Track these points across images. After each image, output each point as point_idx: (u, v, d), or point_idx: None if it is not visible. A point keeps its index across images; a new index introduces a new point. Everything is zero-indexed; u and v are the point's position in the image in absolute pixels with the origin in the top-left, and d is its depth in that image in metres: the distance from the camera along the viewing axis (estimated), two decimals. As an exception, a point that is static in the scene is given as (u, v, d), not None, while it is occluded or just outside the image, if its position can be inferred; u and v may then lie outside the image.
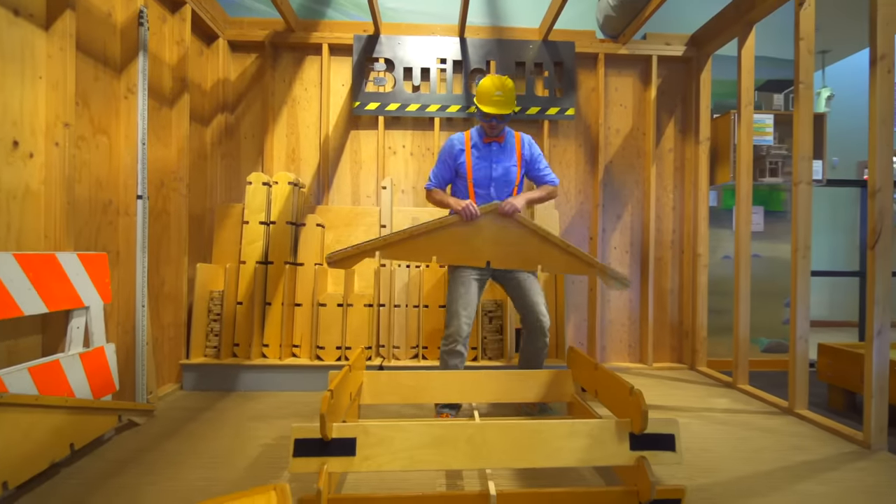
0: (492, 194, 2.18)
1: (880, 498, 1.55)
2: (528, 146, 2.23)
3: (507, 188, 2.20)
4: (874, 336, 1.92)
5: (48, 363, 1.65)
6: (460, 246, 2.05)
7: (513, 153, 2.19)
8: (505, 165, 2.17)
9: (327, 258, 2.05)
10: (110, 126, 2.11)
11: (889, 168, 1.93)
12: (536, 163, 2.22)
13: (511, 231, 2.06)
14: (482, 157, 2.17)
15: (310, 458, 1.29)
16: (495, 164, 2.16)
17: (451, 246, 2.04)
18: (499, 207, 2.04)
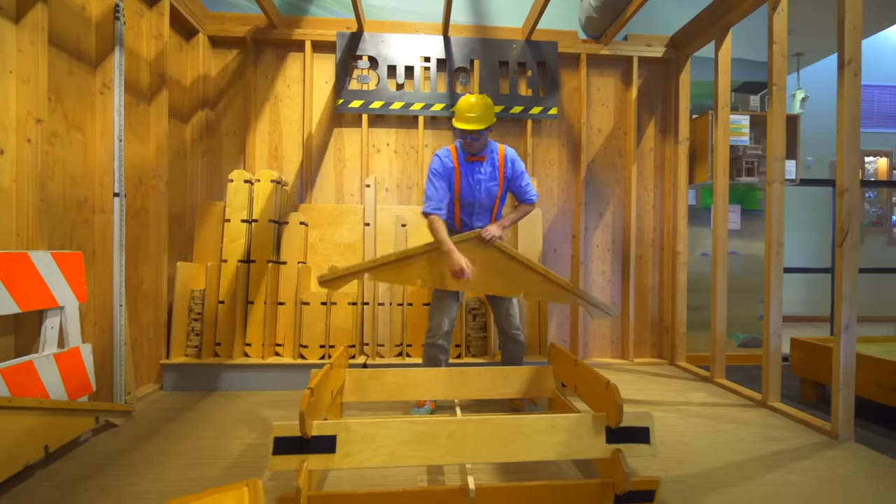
0: (475, 211, 2.25)
1: (849, 487, 1.61)
2: (511, 163, 2.23)
3: (488, 208, 2.26)
4: (842, 331, 1.99)
5: (21, 364, 1.61)
6: (444, 271, 2.09)
7: (495, 172, 2.21)
8: (487, 186, 2.21)
9: (319, 279, 2.09)
10: (85, 122, 2.07)
11: (856, 169, 2.00)
12: (518, 180, 2.24)
13: (494, 258, 2.10)
14: (465, 176, 2.19)
15: (289, 455, 1.29)
16: (476, 186, 2.19)
17: (436, 270, 2.10)
18: (479, 235, 2.08)
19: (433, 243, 2.07)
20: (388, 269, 2.09)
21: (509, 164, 2.23)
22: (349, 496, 1.32)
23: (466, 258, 2.05)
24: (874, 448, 1.91)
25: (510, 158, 2.24)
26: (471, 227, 2.25)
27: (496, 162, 2.21)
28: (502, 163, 2.21)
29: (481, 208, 2.24)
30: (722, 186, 2.82)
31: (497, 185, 2.21)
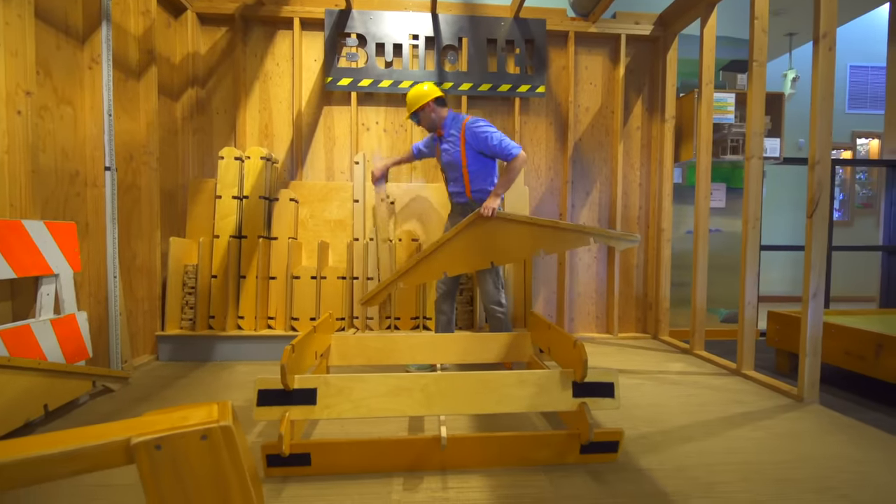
0: (448, 178, 2.46)
1: (801, 438, 1.71)
2: (469, 131, 2.31)
3: (459, 174, 2.40)
4: (810, 298, 2.06)
5: (18, 327, 1.69)
6: (465, 256, 2.20)
7: (457, 142, 2.36)
8: (451, 155, 2.38)
9: (361, 301, 2.33)
10: (74, 96, 2.11)
11: (828, 142, 2.05)
12: (487, 142, 2.27)
13: (502, 229, 2.16)
14: (444, 154, 2.43)
15: (272, 406, 1.37)
16: (444, 154, 2.41)
17: (456, 258, 2.21)
18: (479, 214, 2.16)
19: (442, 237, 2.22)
20: (415, 272, 2.19)
21: (468, 133, 2.32)
22: (329, 444, 1.41)
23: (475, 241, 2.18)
24: (835, 409, 2.01)
25: (468, 127, 2.32)
26: (450, 192, 2.47)
27: (458, 134, 2.35)
28: (463, 133, 2.33)
29: (452, 174, 2.42)
30: (704, 164, 2.87)
31: (459, 154, 2.34)
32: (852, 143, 5.63)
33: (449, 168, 2.41)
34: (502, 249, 2.18)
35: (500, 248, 2.17)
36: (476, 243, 2.19)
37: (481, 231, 2.16)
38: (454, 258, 2.20)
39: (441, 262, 2.20)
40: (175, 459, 0.60)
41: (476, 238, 2.18)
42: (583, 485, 1.38)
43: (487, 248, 2.18)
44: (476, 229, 2.16)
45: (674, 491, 1.35)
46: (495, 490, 1.34)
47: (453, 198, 2.47)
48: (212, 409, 0.69)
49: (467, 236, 2.18)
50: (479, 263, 2.22)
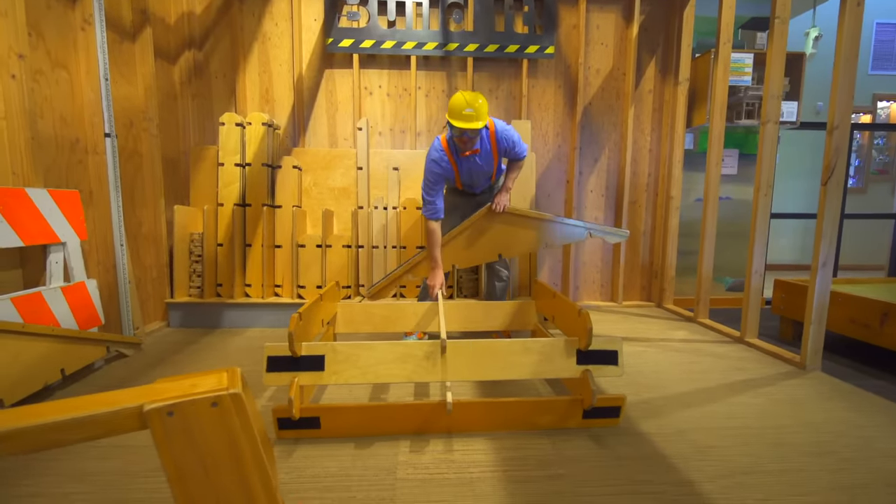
0: (475, 182, 2.33)
1: (802, 404, 1.73)
2: (504, 139, 2.19)
3: (487, 181, 2.36)
4: (819, 267, 2.04)
5: (31, 294, 1.72)
6: (474, 248, 2.29)
7: (490, 154, 2.21)
8: (485, 169, 2.25)
9: (367, 295, 2.32)
10: (69, 60, 2.05)
11: (849, 107, 1.96)
12: (514, 147, 2.23)
13: (510, 223, 2.27)
14: (463, 168, 2.23)
15: (281, 372, 1.40)
16: (475, 171, 2.25)
17: (463, 251, 2.29)
18: (490, 209, 2.23)
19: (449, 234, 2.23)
20: (423, 265, 2.27)
21: (503, 142, 2.19)
22: (338, 408, 1.44)
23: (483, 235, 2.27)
24: (838, 377, 2.03)
25: (501, 136, 2.18)
26: (472, 190, 2.39)
27: (489, 146, 2.19)
28: (495, 144, 2.19)
29: (479, 181, 2.33)
30: (718, 128, 2.78)
31: (492, 163, 2.25)
32: (873, 106, 5.42)
33: (477, 177, 2.29)
34: (509, 242, 2.29)
35: (507, 241, 2.29)
36: (485, 237, 2.28)
37: (490, 225, 2.27)
38: (463, 251, 2.29)
39: (450, 255, 2.27)
40: (187, 425, 0.62)
41: (484, 232, 2.28)
42: (584, 447, 1.42)
43: (496, 241, 2.29)
44: (485, 223, 2.27)
45: (673, 454, 1.39)
46: (499, 452, 1.38)
47: (472, 189, 2.38)
48: (221, 376, 0.70)
49: (476, 230, 2.27)
50: (487, 256, 2.31)
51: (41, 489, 1.20)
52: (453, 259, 2.29)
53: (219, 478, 0.63)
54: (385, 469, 1.29)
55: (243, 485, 0.64)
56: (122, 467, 1.30)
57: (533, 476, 1.27)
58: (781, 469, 1.32)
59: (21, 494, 1.18)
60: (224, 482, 0.63)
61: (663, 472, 1.30)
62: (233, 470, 0.64)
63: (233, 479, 0.64)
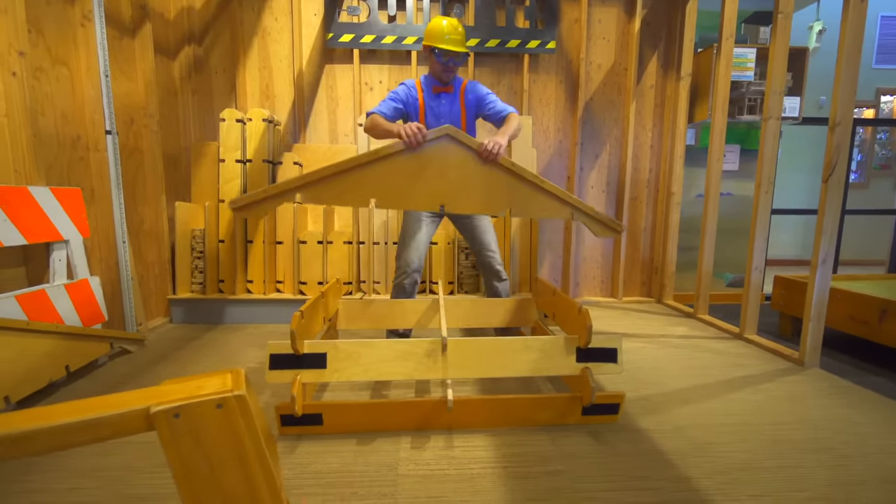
0: None
1: (800, 401, 1.75)
2: (471, 90, 2.07)
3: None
4: (819, 264, 2.05)
5: (34, 292, 1.73)
6: (406, 185, 1.64)
7: (457, 102, 2.06)
8: (451, 119, 2.06)
9: (230, 204, 1.64)
10: (69, 56, 2.04)
11: (851, 102, 1.96)
12: (485, 101, 2.03)
13: (473, 167, 1.69)
14: (430, 109, 2.04)
15: (284, 370, 1.42)
16: (441, 119, 2.04)
17: (393, 185, 1.63)
18: (482, 148, 1.68)
19: (384, 147, 1.64)
20: (324, 187, 1.61)
21: (469, 92, 2.06)
22: (340, 405, 1.46)
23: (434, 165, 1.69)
24: (836, 373, 2.04)
25: (469, 86, 2.08)
26: None
27: (458, 94, 2.07)
28: (463, 93, 2.07)
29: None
30: (720, 124, 2.77)
31: (460, 117, 2.08)
32: (876, 100, 5.39)
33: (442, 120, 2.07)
34: (462, 193, 1.69)
35: (459, 189, 1.68)
36: (427, 171, 1.65)
37: (443, 157, 1.67)
38: (391, 184, 1.64)
39: (372, 185, 1.63)
40: (193, 426, 0.63)
41: (429, 163, 1.65)
42: (583, 444, 1.43)
43: (442, 183, 1.65)
44: (436, 151, 1.68)
45: (671, 450, 1.41)
46: (499, 448, 1.40)
47: None
48: (226, 377, 0.71)
49: (421, 157, 1.64)
50: (422, 202, 1.68)
51: (46, 485, 1.22)
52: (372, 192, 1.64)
53: (224, 477, 0.64)
54: (386, 465, 1.31)
55: (248, 483, 0.66)
56: (126, 463, 1.32)
57: (532, 472, 1.29)
58: (779, 465, 1.33)
59: (26, 490, 1.20)
60: (229, 481, 0.65)
61: (661, 469, 1.31)
62: (238, 469, 0.65)
63: (238, 478, 0.65)
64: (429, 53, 2.00)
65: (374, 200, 1.67)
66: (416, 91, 2.04)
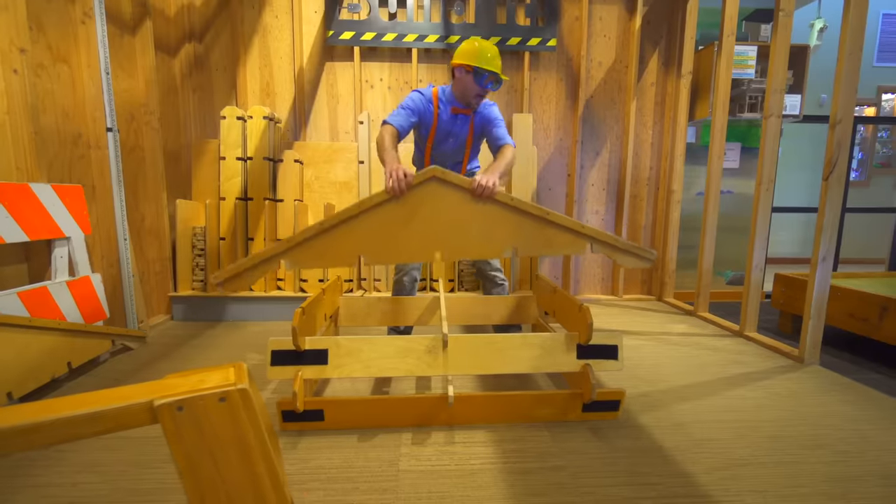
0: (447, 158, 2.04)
1: (799, 397, 1.75)
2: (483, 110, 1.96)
3: (460, 158, 2.05)
4: (819, 262, 2.05)
5: (36, 289, 1.73)
6: (395, 235, 1.51)
7: (468, 123, 1.97)
8: (460, 142, 2.00)
9: (212, 280, 1.51)
10: (70, 54, 2.04)
11: (852, 100, 1.96)
12: (491, 125, 1.93)
13: (467, 208, 1.53)
14: (442, 129, 1.96)
15: (285, 366, 1.42)
16: (452, 136, 1.97)
17: (382, 237, 1.50)
18: (473, 186, 1.51)
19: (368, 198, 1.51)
20: (308, 248, 1.49)
21: (480, 114, 1.95)
22: (341, 401, 1.47)
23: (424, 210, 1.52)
24: (835, 370, 2.05)
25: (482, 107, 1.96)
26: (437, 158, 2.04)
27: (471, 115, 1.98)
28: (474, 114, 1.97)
29: (454, 155, 2.04)
30: (720, 122, 2.77)
31: (467, 138, 2.00)
32: (877, 98, 5.38)
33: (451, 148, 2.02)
34: (458, 238, 1.52)
35: (454, 235, 1.52)
36: (416, 217, 1.51)
37: (434, 201, 1.51)
38: (379, 237, 1.50)
39: (359, 239, 1.49)
40: (196, 420, 0.63)
41: (417, 209, 1.50)
42: (584, 440, 1.44)
43: (435, 231, 1.51)
44: (425, 195, 1.50)
45: (671, 446, 1.41)
46: (500, 444, 1.40)
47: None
48: (228, 371, 0.72)
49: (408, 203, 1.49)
50: (416, 253, 1.54)
51: (51, 479, 1.23)
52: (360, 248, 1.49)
53: (228, 471, 0.65)
54: (388, 461, 1.32)
55: (252, 477, 0.66)
56: (129, 458, 1.32)
57: (533, 468, 1.29)
58: (777, 461, 1.34)
59: (32, 485, 1.21)
60: (233, 475, 0.65)
61: (661, 465, 1.32)
62: (241, 463, 0.66)
63: (241, 471, 0.66)
64: (462, 74, 1.85)
65: (363, 257, 1.52)
66: (433, 105, 1.92)
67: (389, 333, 2.21)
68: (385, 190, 1.50)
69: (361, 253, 1.50)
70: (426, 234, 1.52)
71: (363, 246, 1.50)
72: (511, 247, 1.54)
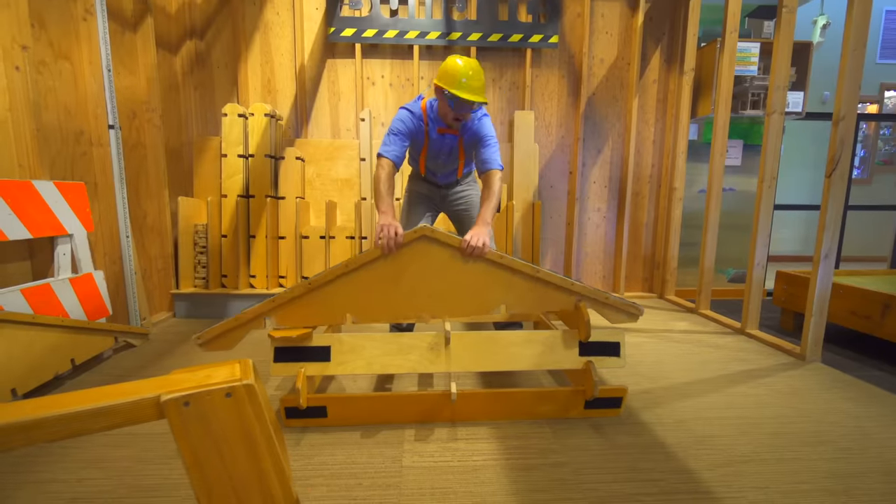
0: (438, 181, 2.02)
1: (801, 394, 1.76)
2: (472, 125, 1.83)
3: (453, 173, 2.00)
4: (821, 259, 2.05)
5: (40, 286, 1.74)
6: (384, 294, 1.48)
7: (457, 140, 1.87)
8: (451, 158, 1.93)
9: (195, 341, 1.47)
10: (72, 51, 2.04)
11: (855, 97, 1.95)
12: (481, 142, 1.81)
13: (456, 267, 1.50)
14: (435, 147, 1.88)
15: (288, 363, 1.43)
16: (443, 152, 1.90)
17: (370, 296, 1.48)
18: (464, 245, 1.47)
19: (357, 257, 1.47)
20: (295, 306, 1.46)
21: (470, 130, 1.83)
22: (344, 398, 1.47)
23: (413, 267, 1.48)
24: (838, 368, 2.05)
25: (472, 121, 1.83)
26: (435, 178, 2.02)
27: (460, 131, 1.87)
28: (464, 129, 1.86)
29: (447, 165, 1.97)
30: (723, 119, 2.76)
31: (458, 154, 1.92)
32: (880, 96, 5.36)
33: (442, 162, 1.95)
34: (446, 297, 1.51)
35: (443, 294, 1.50)
36: (408, 279, 1.48)
37: (423, 258, 1.47)
38: (368, 295, 1.47)
39: (347, 297, 1.47)
40: (203, 415, 0.64)
41: (406, 267, 1.47)
42: (586, 436, 1.44)
43: (424, 290, 1.49)
44: (415, 253, 1.47)
45: (673, 443, 1.41)
46: (502, 440, 1.41)
47: (436, 177, 2.02)
48: (234, 367, 0.72)
49: (397, 261, 1.47)
50: (404, 312, 1.50)
51: (56, 475, 1.24)
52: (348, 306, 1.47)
53: (234, 465, 0.65)
54: (391, 457, 1.32)
55: (258, 472, 0.67)
56: (134, 455, 1.33)
57: (535, 464, 1.30)
58: (779, 458, 1.34)
59: (36, 480, 1.22)
60: (239, 469, 0.66)
61: (663, 461, 1.32)
62: (247, 457, 0.66)
63: (248, 466, 0.66)
64: (440, 95, 1.75)
65: (352, 316, 1.49)
66: (423, 123, 1.83)
67: (391, 331, 2.22)
68: (375, 246, 1.48)
69: (349, 311, 1.48)
70: (415, 293, 1.50)
71: (351, 304, 1.48)
72: (501, 304, 1.53)
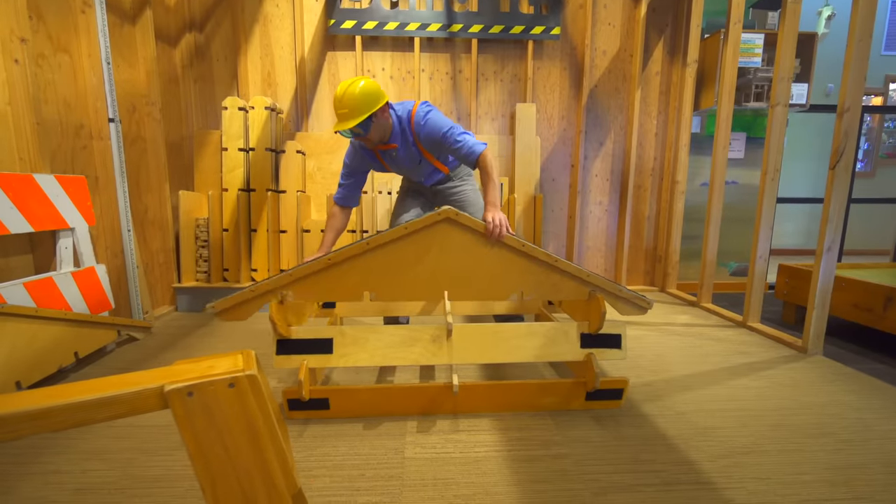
0: (425, 184, 2.00)
1: (802, 387, 1.76)
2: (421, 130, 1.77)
3: (430, 170, 1.95)
4: (824, 252, 2.04)
5: (42, 279, 1.74)
6: (404, 274, 1.50)
7: (414, 150, 1.84)
8: (413, 163, 1.88)
9: (209, 309, 1.44)
10: (71, 43, 2.03)
11: (861, 88, 1.93)
12: (447, 141, 1.75)
13: (477, 250, 1.51)
14: (392, 163, 1.89)
15: (290, 355, 1.43)
16: (403, 166, 1.89)
17: (390, 274, 1.49)
18: (487, 229, 1.48)
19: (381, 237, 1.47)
20: (316, 281, 1.47)
21: (422, 135, 1.78)
22: (346, 390, 1.47)
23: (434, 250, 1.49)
24: (839, 361, 2.05)
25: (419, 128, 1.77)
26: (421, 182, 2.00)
27: (408, 136, 1.81)
28: (415, 136, 1.80)
29: (423, 172, 1.95)
30: (726, 111, 2.74)
31: (418, 158, 1.87)
32: (885, 88, 5.32)
33: (411, 172, 1.93)
34: (466, 279, 1.52)
35: (463, 276, 1.52)
36: (427, 256, 1.49)
37: (442, 240, 1.49)
38: (386, 273, 1.49)
39: (366, 275, 1.48)
40: (206, 405, 0.64)
41: (428, 248, 1.49)
42: (587, 428, 1.45)
43: (444, 272, 1.51)
44: (435, 235, 1.48)
45: (674, 434, 1.42)
46: (504, 432, 1.41)
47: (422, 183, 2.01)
48: (237, 358, 0.72)
49: (418, 242, 1.48)
50: (423, 292, 1.51)
51: (60, 466, 1.25)
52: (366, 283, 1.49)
53: (238, 455, 0.66)
54: (393, 448, 1.33)
55: (261, 462, 0.67)
56: (137, 446, 1.34)
57: (537, 455, 1.30)
58: (780, 449, 1.35)
59: (41, 472, 1.22)
60: (243, 459, 0.66)
61: (664, 453, 1.33)
62: (251, 448, 0.66)
63: (251, 456, 0.66)
64: None
65: (370, 293, 1.50)
66: (368, 150, 1.85)
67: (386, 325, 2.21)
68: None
69: (368, 289, 1.50)
70: (435, 274, 1.51)
71: (370, 282, 1.49)
72: (518, 290, 1.55)
